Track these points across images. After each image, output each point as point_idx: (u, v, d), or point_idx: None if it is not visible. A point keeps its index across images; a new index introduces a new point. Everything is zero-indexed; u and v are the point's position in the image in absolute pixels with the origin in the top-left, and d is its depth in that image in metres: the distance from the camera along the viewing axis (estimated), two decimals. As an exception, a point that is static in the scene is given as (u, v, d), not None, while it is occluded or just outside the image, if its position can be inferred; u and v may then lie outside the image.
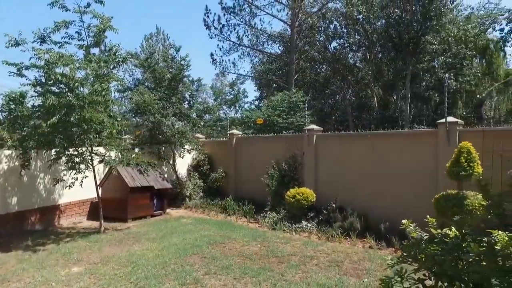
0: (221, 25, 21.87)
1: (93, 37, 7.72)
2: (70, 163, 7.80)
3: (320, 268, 5.60)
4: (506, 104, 20.93)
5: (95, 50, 8.00)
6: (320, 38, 22.66)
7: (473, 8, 20.84)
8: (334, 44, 22.86)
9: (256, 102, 28.09)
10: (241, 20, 21.94)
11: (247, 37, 23.75)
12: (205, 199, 11.40)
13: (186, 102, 12.11)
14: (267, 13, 21.81)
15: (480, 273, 1.02)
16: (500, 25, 21.59)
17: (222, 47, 24.03)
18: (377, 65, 21.16)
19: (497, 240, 1.16)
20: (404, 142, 7.91)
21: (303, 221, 8.25)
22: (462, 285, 1.04)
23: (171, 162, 11.79)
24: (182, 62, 11.53)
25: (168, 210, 10.44)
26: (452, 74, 19.21)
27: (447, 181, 6.29)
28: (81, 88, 7.34)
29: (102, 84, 7.24)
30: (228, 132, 12.62)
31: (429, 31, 18.03)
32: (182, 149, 11.68)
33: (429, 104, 20.93)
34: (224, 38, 22.39)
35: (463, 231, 1.22)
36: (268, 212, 9.13)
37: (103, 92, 7.24)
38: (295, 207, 8.42)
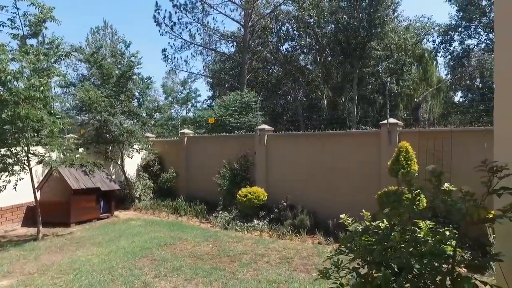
0: (172, 23, 21.39)
1: (30, 26, 7.10)
2: (1, 165, 7.13)
3: (271, 265, 5.71)
4: (438, 107, 22.90)
5: (34, 42, 7.40)
6: (273, 40, 23.05)
7: (411, 20, 22.59)
8: (286, 46, 23.41)
9: (209, 101, 27.88)
10: (194, 18, 21.65)
11: (200, 35, 23.52)
12: (156, 200, 11.08)
13: (136, 100, 11.67)
14: (220, 12, 21.77)
15: (402, 258, 1.13)
16: (433, 37, 23.78)
17: (174, 45, 23.64)
18: (327, 68, 22.04)
19: (421, 228, 1.33)
20: (351, 142, 8.34)
21: (255, 220, 8.34)
22: (389, 270, 1.16)
23: (119, 163, 11.29)
24: (132, 59, 11.07)
25: (116, 213, 9.98)
26: (394, 79, 20.63)
27: (389, 178, 6.76)
28: (15, 82, 6.72)
29: (41, 79, 6.71)
30: (180, 131, 12.39)
31: (374, 37, 19.20)
32: (131, 149, 11.24)
33: (374, 106, 22.26)
34: (175, 35, 21.93)
35: (392, 222, 1.35)
36: (220, 212, 9.11)
37: (42, 88, 6.70)
38: (247, 206, 8.50)
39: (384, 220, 1.42)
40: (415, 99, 20.21)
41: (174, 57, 23.62)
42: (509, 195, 1.14)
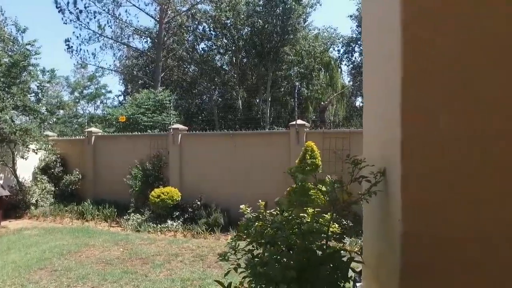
0: (78, 10, 19.53)
1: None
2: None
3: (185, 264, 5.72)
4: (342, 110, 25.35)
5: None
6: (189, 38, 22.76)
7: (319, 30, 24.56)
8: (202, 45, 23.30)
9: (120, 98, 26.22)
10: (103, 8, 20.12)
11: (110, 27, 21.93)
12: (57, 205, 10.04)
13: (33, 94, 10.40)
14: (134, 5, 20.67)
15: (286, 237, 1.35)
16: (337, 47, 26.41)
17: (80, 35, 21.52)
18: (242, 69, 22.63)
19: (308, 214, 1.59)
20: (263, 142, 8.78)
21: (168, 221, 8.21)
22: (277, 248, 1.38)
23: (10, 165, 9.91)
24: (29, 47, 9.84)
25: (4, 223, 8.76)
26: (304, 83, 22.22)
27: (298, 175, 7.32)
28: None
29: None
30: (86, 129, 11.44)
31: (287, 43, 20.42)
32: (26, 149, 9.96)
33: (286, 108, 23.60)
34: (82, 25, 20.08)
35: (282, 208, 1.57)
36: (132, 214, 8.72)
37: None
38: (160, 207, 8.31)
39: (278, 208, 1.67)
40: (322, 103, 22.05)
41: (80, 49, 21.61)
42: (366, 182, 1.44)
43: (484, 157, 1.03)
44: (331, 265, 1.23)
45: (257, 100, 22.74)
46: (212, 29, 22.22)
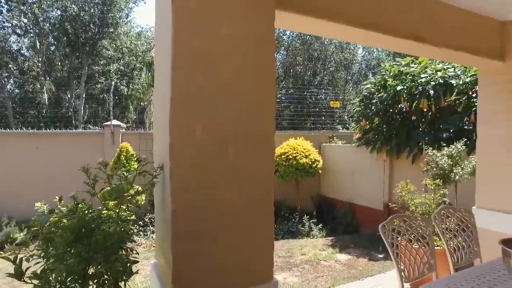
0: None
1: None
2: None
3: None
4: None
5: None
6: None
7: (143, 28, 24.04)
8: (-11, 21, 18.80)
9: None
10: None
11: None
12: None
13: None
14: None
15: (71, 225, 1.60)
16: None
17: None
18: (49, 58, 19.66)
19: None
20: (74, 142, 8.06)
21: None
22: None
23: None
24: None
25: None
26: (124, 81, 21.27)
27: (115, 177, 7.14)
28: None
29: None
30: None
31: (106, 37, 19.08)
32: None
33: (104, 106, 21.93)
34: None
35: (76, 202, 1.79)
36: None
37: None
38: None
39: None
40: (141, 103, 21.68)
41: None
42: (149, 175, 1.85)
43: (220, 153, 1.60)
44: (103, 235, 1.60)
45: (69, 96, 20.20)
46: (3, 1, 18.23)
